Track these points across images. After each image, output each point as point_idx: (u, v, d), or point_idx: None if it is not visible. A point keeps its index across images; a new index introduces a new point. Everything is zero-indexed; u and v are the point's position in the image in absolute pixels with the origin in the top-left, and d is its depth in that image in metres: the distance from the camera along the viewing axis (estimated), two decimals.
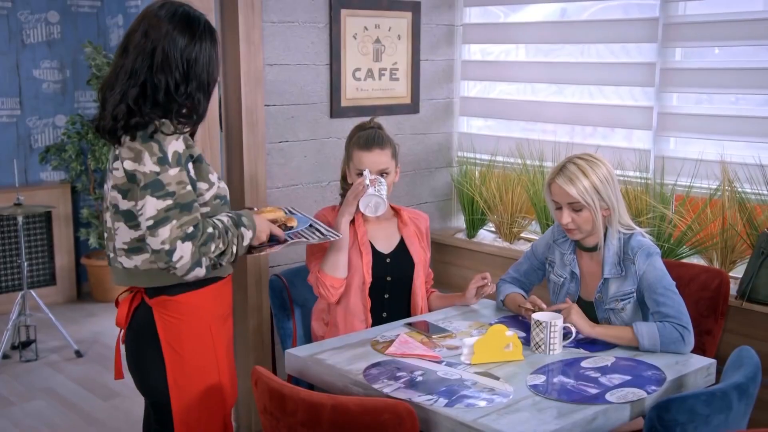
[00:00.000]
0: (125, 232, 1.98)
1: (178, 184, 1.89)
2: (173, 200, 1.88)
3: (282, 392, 1.81)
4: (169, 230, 1.87)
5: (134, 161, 1.89)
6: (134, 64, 1.92)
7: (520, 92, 3.90)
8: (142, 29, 1.94)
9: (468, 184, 3.84)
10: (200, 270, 1.94)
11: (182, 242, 1.88)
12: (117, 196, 1.95)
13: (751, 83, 3.06)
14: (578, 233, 2.45)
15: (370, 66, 3.63)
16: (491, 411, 1.91)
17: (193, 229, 1.90)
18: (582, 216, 2.41)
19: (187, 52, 1.93)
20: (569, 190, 2.39)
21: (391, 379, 2.10)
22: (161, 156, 1.88)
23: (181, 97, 1.94)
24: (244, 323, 3.37)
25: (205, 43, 1.96)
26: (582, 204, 2.39)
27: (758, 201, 2.97)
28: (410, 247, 2.71)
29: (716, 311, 2.67)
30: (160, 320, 2.00)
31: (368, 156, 2.58)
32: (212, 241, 1.94)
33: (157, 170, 1.87)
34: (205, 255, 1.94)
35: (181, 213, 1.89)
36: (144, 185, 1.87)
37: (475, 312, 2.69)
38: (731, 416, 1.84)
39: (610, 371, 2.17)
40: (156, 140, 1.89)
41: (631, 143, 3.45)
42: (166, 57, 1.91)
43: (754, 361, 1.96)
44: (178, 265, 1.89)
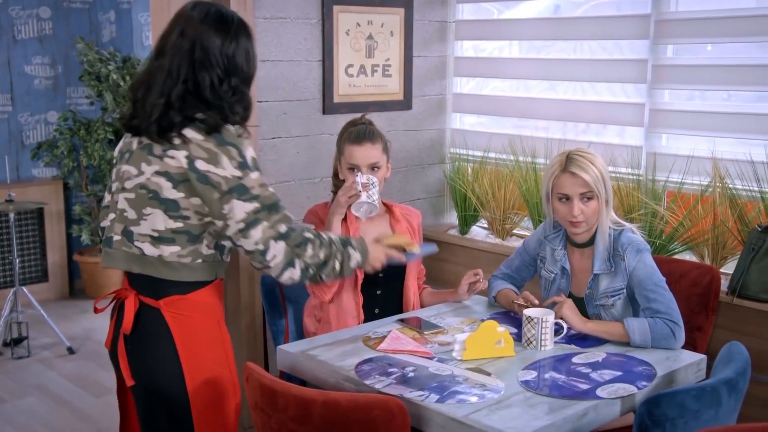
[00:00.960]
0: (160, 220, 1.95)
1: (260, 186, 1.94)
2: (259, 202, 1.92)
3: (273, 388, 1.81)
4: (261, 231, 1.92)
5: (209, 163, 1.90)
6: (171, 64, 1.94)
7: (512, 89, 3.90)
8: (177, 30, 1.96)
9: (460, 181, 3.84)
10: (294, 271, 1.97)
11: (275, 241, 1.93)
12: (164, 183, 1.93)
13: (742, 80, 3.07)
14: (585, 226, 2.45)
15: (362, 62, 3.63)
16: (482, 406, 1.92)
17: (286, 228, 1.95)
18: (590, 207, 2.42)
19: (224, 48, 1.96)
20: (585, 177, 2.39)
21: (383, 375, 2.11)
22: (241, 161, 1.92)
23: (227, 94, 1.97)
24: (236, 320, 3.37)
25: (241, 39, 2.00)
26: (594, 192, 2.40)
27: (749, 197, 2.98)
28: None
29: (707, 307, 2.68)
30: (173, 320, 1.98)
31: (359, 150, 2.58)
32: (309, 245, 1.98)
33: (239, 175, 1.91)
34: (300, 257, 1.97)
35: (269, 213, 1.93)
36: (228, 190, 1.90)
37: (467, 308, 2.70)
38: (721, 411, 1.85)
39: (601, 367, 2.18)
40: (233, 144, 1.92)
41: (623, 140, 3.46)
42: (206, 55, 1.95)
43: (744, 356, 1.97)
44: (272, 264, 1.94)
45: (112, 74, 5.19)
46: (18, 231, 5.31)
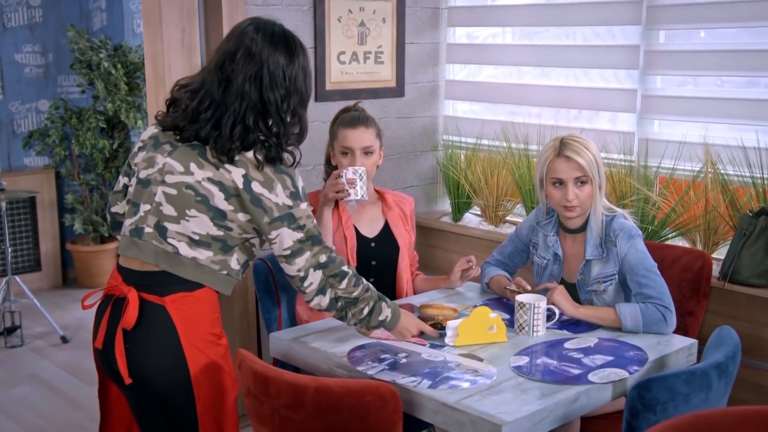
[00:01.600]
0: (205, 225, 1.98)
1: (308, 218, 2.02)
2: (304, 233, 2.01)
3: (265, 375, 1.81)
4: (305, 260, 2.03)
5: (264, 187, 1.96)
6: (243, 86, 1.96)
7: (506, 75, 3.89)
8: (243, 49, 1.98)
9: (453, 168, 3.84)
10: (323, 298, 2.08)
11: (314, 270, 2.04)
12: (217, 192, 1.96)
13: (734, 65, 3.07)
14: (579, 210, 2.45)
15: (354, 49, 3.62)
16: (474, 392, 1.93)
17: (326, 259, 2.06)
18: (584, 191, 2.42)
19: (288, 69, 2.00)
20: (579, 160, 2.40)
21: (375, 361, 2.11)
22: (293, 191, 1.99)
23: (287, 114, 2.01)
24: (229, 308, 3.37)
25: (301, 58, 2.04)
26: (588, 176, 2.41)
27: (740, 183, 2.98)
28: (395, 230, 2.71)
29: (699, 292, 2.69)
30: (178, 316, 1.97)
31: (353, 133, 2.58)
32: (344, 280, 2.09)
33: (290, 204, 1.98)
34: (332, 287, 2.09)
35: (313, 245, 2.03)
36: (278, 217, 1.98)
37: (459, 294, 2.70)
38: (711, 395, 1.86)
39: (592, 352, 2.19)
40: (288, 174, 1.99)
41: (615, 126, 3.46)
42: (273, 76, 1.98)
43: (734, 340, 1.98)
44: (308, 290, 2.06)
45: (103, 62, 5.17)
46: (10, 220, 5.29)
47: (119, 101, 5.18)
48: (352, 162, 2.60)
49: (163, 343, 1.97)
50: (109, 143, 5.36)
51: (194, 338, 1.99)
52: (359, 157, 2.59)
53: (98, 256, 5.50)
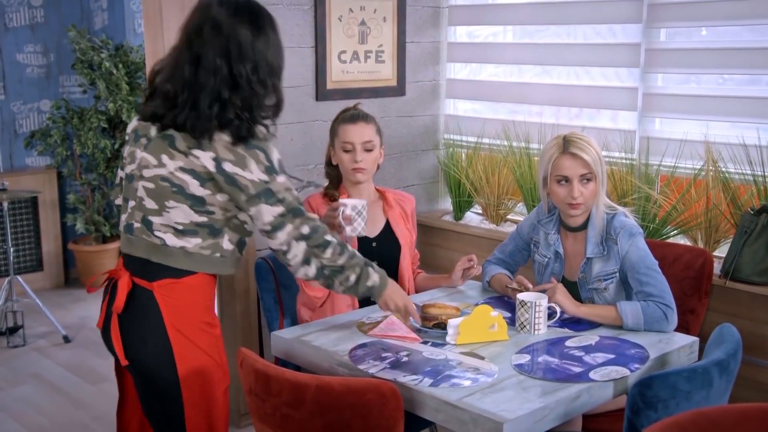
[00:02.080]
0: (185, 214, 1.98)
1: (286, 190, 2.00)
2: (284, 207, 1.99)
3: (267, 373, 1.81)
4: (287, 233, 2.01)
5: (237, 165, 1.94)
6: (213, 62, 1.95)
7: (506, 74, 3.89)
8: (208, 24, 1.96)
9: (454, 167, 3.84)
10: (309, 269, 2.07)
11: (297, 242, 2.03)
12: (190, 180, 1.96)
13: (735, 63, 3.07)
14: (583, 208, 2.45)
15: (355, 48, 3.62)
16: (476, 390, 1.93)
17: (309, 230, 2.04)
18: (589, 188, 2.43)
19: (255, 41, 1.98)
20: (585, 157, 2.40)
21: (377, 359, 2.11)
22: (268, 165, 1.97)
23: (258, 86, 1.99)
24: (231, 306, 3.38)
25: (269, 31, 2.02)
26: (593, 174, 2.41)
27: (741, 181, 2.98)
28: (396, 229, 2.71)
29: (700, 290, 2.70)
30: (164, 303, 1.99)
31: (353, 128, 2.60)
32: (329, 248, 2.07)
33: (266, 179, 1.97)
34: (317, 257, 2.07)
35: (294, 217, 2.01)
36: (256, 194, 1.96)
37: (461, 293, 2.71)
38: (712, 392, 1.86)
39: (594, 350, 2.19)
40: (260, 148, 1.96)
41: (616, 124, 3.46)
42: (241, 49, 1.96)
43: (735, 338, 1.98)
44: (293, 262, 2.06)
45: (104, 62, 5.17)
46: (12, 220, 5.29)
47: (120, 101, 5.19)
48: (352, 158, 2.60)
49: (150, 327, 2.00)
50: (111, 143, 5.36)
51: (181, 325, 2.00)
52: (360, 152, 2.59)
53: (100, 256, 5.50)
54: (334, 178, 2.72)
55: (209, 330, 2.06)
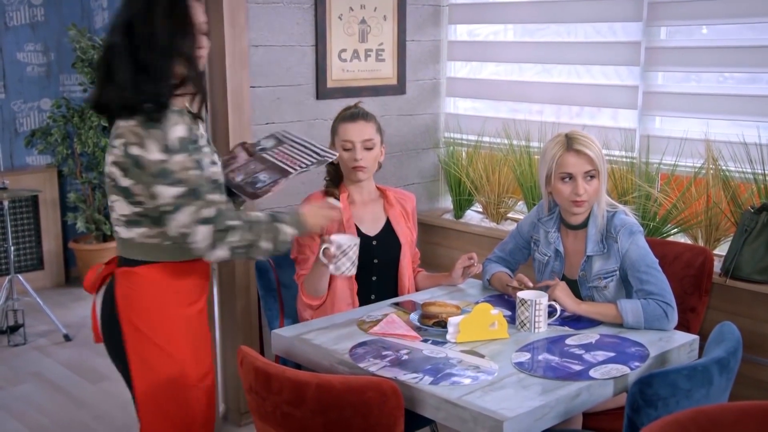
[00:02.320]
0: (124, 206, 2.00)
1: (184, 170, 1.93)
2: (183, 187, 1.93)
3: (267, 371, 1.81)
4: (186, 215, 1.94)
5: (139, 146, 1.92)
6: (122, 41, 1.96)
7: (507, 73, 3.89)
8: (120, 5, 2.01)
9: (455, 165, 3.84)
10: (220, 252, 1.98)
11: (199, 225, 1.94)
12: (117, 172, 1.97)
13: (735, 61, 3.07)
14: (587, 205, 2.46)
15: (356, 47, 3.62)
16: (476, 388, 1.93)
17: (213, 213, 1.96)
18: (593, 186, 2.43)
19: (150, 14, 1.95)
20: (590, 153, 2.41)
21: (377, 357, 2.12)
22: (165, 144, 1.92)
23: (158, 59, 1.95)
24: (231, 304, 3.38)
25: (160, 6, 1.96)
26: (597, 170, 2.42)
27: (742, 179, 2.98)
28: (396, 227, 2.71)
29: (700, 288, 2.70)
30: (120, 291, 2.03)
31: (353, 127, 2.61)
32: (234, 231, 1.99)
33: (163, 158, 1.91)
34: (222, 240, 1.98)
35: (195, 198, 1.94)
36: (152, 173, 1.92)
37: (461, 291, 2.71)
38: (712, 390, 1.86)
39: (594, 348, 2.19)
40: (159, 127, 1.92)
41: (616, 122, 3.46)
42: (137, 20, 1.95)
43: (735, 336, 1.98)
44: (198, 246, 1.97)
45: None
46: (12, 219, 5.30)
47: None
48: (352, 157, 2.60)
49: (106, 313, 2.08)
50: None
51: (134, 316, 2.03)
52: (360, 151, 2.59)
53: (101, 255, 5.50)
54: (334, 177, 2.71)
55: (176, 325, 2.06)
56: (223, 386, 3.53)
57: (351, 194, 2.67)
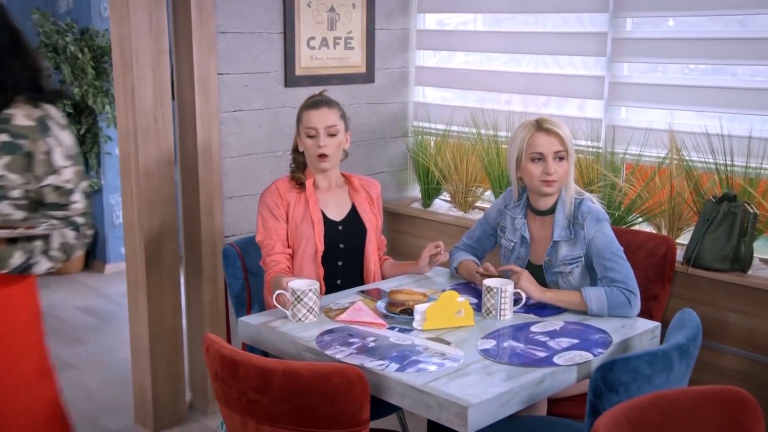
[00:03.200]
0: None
1: None
2: None
3: (233, 358, 1.81)
4: None
5: None
6: None
7: (476, 62, 3.91)
8: None
9: (423, 154, 3.85)
10: None
11: None
12: None
13: (700, 53, 3.11)
14: (557, 186, 2.48)
15: (324, 35, 3.61)
16: (441, 375, 1.95)
17: None
18: (562, 167, 2.46)
19: None
20: (560, 133, 2.44)
21: (344, 345, 2.12)
22: None
23: None
24: (198, 293, 3.36)
25: None
26: (567, 152, 2.45)
27: (704, 169, 3.03)
28: (362, 213, 2.72)
29: (663, 277, 2.74)
30: None
31: (316, 113, 2.61)
32: None
33: None
34: None
35: None
36: None
37: (428, 279, 2.72)
38: (672, 376, 1.90)
39: (558, 335, 2.22)
40: None
41: (583, 112, 3.49)
42: None
43: (696, 322, 2.02)
44: None
45: (69, 46, 5.09)
46: None
47: (86, 86, 5.12)
48: (316, 144, 2.61)
49: None
50: (76, 128, 5.29)
51: None
52: (323, 137, 2.60)
53: None
54: (300, 165, 2.72)
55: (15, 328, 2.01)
56: (190, 374, 3.52)
57: (316, 180, 2.68)
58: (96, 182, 5.42)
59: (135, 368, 3.37)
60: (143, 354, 3.29)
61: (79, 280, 5.37)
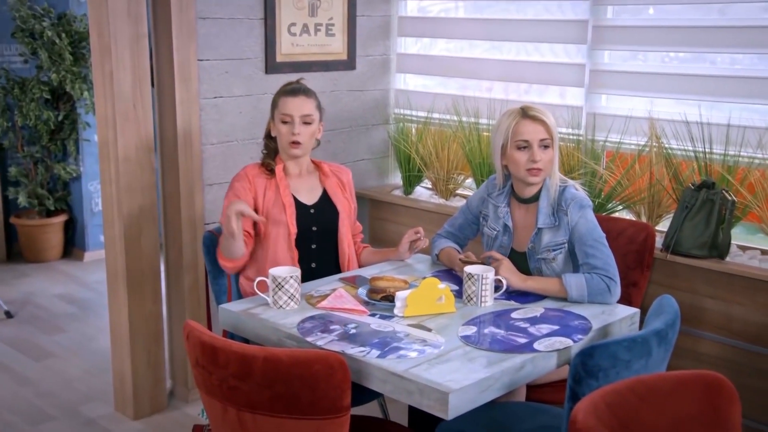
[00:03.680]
0: None
1: None
2: None
3: (213, 345, 1.80)
4: None
5: None
6: None
7: (457, 49, 3.90)
8: None
9: (404, 141, 3.85)
10: None
11: None
12: None
13: (680, 41, 3.13)
14: (543, 174, 2.49)
15: (305, 21, 3.59)
16: (422, 361, 1.95)
17: None
18: (547, 155, 2.47)
19: None
20: (546, 120, 2.45)
21: (325, 332, 2.12)
22: None
23: None
24: (179, 281, 3.34)
25: None
26: (552, 139, 2.46)
27: (684, 156, 3.05)
28: (333, 197, 2.75)
29: (642, 264, 2.76)
30: None
31: (294, 101, 2.64)
32: None
33: None
34: None
35: None
36: None
37: (409, 266, 2.72)
38: (651, 361, 1.91)
39: (539, 321, 2.23)
40: None
41: (564, 100, 3.50)
42: None
43: (674, 308, 2.04)
44: None
45: (46, 31, 5.02)
46: None
47: (64, 72, 5.05)
48: (290, 131, 2.61)
49: None
50: (54, 114, 5.23)
51: None
52: (298, 125, 2.62)
53: (43, 230, 5.39)
54: (272, 151, 2.75)
55: None
56: (171, 362, 3.50)
57: (287, 166, 2.71)
58: (75, 169, 5.36)
59: (115, 356, 3.35)
60: (123, 342, 3.27)
61: (59, 268, 5.33)
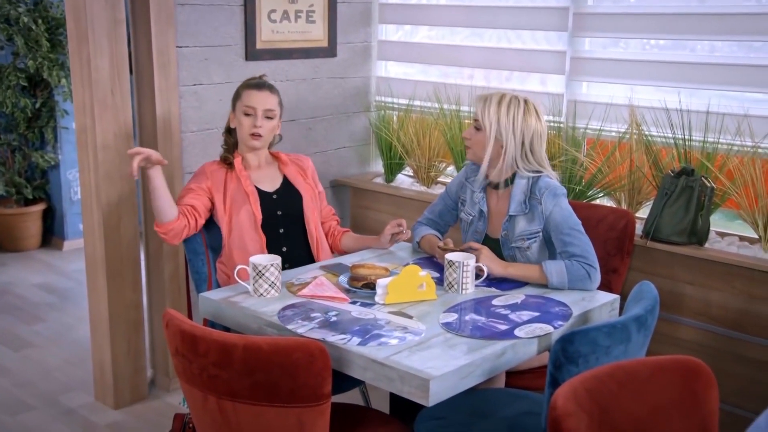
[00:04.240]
0: None
1: None
2: None
3: (193, 334, 1.79)
4: None
5: None
6: None
7: (438, 37, 3.89)
8: None
9: (386, 129, 3.84)
10: None
11: None
12: None
13: (660, 28, 3.14)
14: (470, 153, 2.55)
15: (285, 7, 3.56)
16: (403, 348, 1.95)
17: None
18: (477, 136, 2.51)
19: None
20: (479, 105, 2.50)
21: (306, 319, 2.12)
22: None
23: None
24: (159, 269, 3.32)
25: None
26: (480, 123, 2.49)
27: (663, 143, 3.07)
28: (295, 182, 2.78)
29: (622, 250, 2.77)
30: None
31: (258, 94, 2.67)
32: None
33: None
34: None
35: None
36: None
37: (390, 254, 2.72)
38: (630, 347, 1.92)
39: (519, 308, 2.24)
40: None
41: (545, 87, 3.50)
42: None
43: (653, 294, 2.05)
44: None
45: (23, 17, 4.95)
46: None
47: (41, 58, 4.99)
48: (252, 123, 2.64)
49: None
50: (32, 102, 5.16)
51: None
52: (260, 118, 2.66)
53: (22, 219, 5.33)
54: (231, 145, 2.77)
55: None
56: (151, 351, 3.49)
57: (245, 159, 2.74)
58: (53, 157, 5.30)
59: (95, 345, 3.33)
60: (103, 331, 3.25)
61: (38, 257, 5.28)
